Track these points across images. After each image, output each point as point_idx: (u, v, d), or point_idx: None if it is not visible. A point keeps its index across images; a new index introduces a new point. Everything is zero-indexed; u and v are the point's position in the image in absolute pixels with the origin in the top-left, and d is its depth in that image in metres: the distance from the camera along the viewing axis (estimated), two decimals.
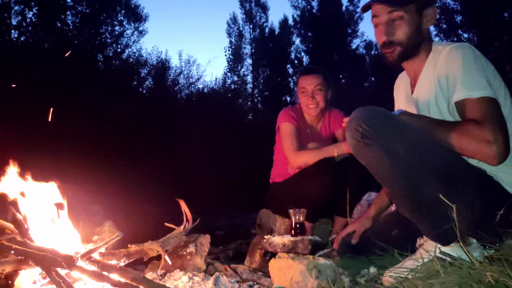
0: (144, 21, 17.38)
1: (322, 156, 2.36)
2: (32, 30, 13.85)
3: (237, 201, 9.54)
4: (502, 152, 1.27)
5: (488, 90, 1.33)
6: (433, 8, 1.54)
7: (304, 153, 2.44)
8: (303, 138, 2.61)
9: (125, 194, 6.28)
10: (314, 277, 1.42)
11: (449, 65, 1.43)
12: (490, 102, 1.32)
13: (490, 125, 1.28)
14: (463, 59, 1.39)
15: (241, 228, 4.72)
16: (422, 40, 1.54)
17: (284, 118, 2.60)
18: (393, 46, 1.52)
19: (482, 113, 1.30)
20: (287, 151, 2.51)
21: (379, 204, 1.91)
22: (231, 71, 21.51)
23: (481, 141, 1.27)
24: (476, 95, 1.33)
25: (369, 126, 1.28)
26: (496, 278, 0.96)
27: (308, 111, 2.61)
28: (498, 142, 1.26)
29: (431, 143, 1.33)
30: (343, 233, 1.93)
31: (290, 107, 2.73)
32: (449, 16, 16.08)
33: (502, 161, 1.28)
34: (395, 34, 1.51)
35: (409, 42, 1.51)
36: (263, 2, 21.89)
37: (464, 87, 1.36)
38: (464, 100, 1.35)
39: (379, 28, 1.54)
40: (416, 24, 1.51)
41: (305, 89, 2.56)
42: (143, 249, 1.61)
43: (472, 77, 1.36)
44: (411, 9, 1.49)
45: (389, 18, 1.51)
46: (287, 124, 2.57)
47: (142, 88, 17.08)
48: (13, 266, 1.18)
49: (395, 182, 1.33)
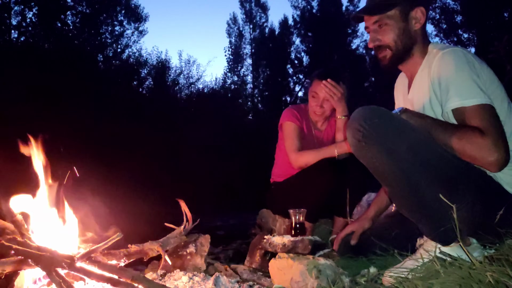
0: (144, 21, 17.37)
1: (323, 156, 2.36)
2: (32, 30, 13.83)
3: (237, 201, 9.54)
4: (503, 160, 1.28)
5: (482, 96, 1.34)
6: (420, 8, 1.55)
7: (305, 153, 2.43)
8: (308, 137, 2.61)
9: (125, 194, 6.28)
10: (314, 277, 1.42)
11: (441, 71, 1.44)
12: (488, 109, 1.33)
13: (492, 134, 1.29)
14: (454, 65, 1.40)
15: (241, 228, 4.71)
16: (414, 42, 1.57)
17: (287, 117, 2.59)
18: (382, 50, 1.58)
19: (482, 121, 1.31)
20: (288, 151, 2.51)
21: (378, 205, 1.91)
22: (231, 71, 21.49)
23: (483, 149, 1.28)
24: (470, 103, 1.34)
25: (370, 126, 1.28)
26: (496, 278, 0.96)
27: (313, 115, 2.61)
28: (500, 150, 1.27)
29: (431, 143, 1.33)
30: (343, 233, 1.93)
31: (295, 105, 2.71)
32: (449, 16, 16.06)
33: (503, 167, 1.30)
34: (381, 39, 1.57)
35: (397, 45, 1.55)
36: (263, 2, 21.87)
37: (457, 95, 1.37)
38: (461, 109, 1.36)
39: (369, 35, 1.61)
40: (403, 27, 1.54)
41: (316, 95, 2.52)
42: (143, 249, 1.61)
43: (464, 84, 1.36)
44: (395, 13, 1.54)
45: (375, 26, 1.58)
46: (290, 124, 2.56)
47: (142, 88, 17.08)
48: (13, 266, 1.18)
49: (396, 181, 1.33)
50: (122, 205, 5.26)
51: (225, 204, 9.27)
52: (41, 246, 1.22)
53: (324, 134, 2.67)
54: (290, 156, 2.49)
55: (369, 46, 1.63)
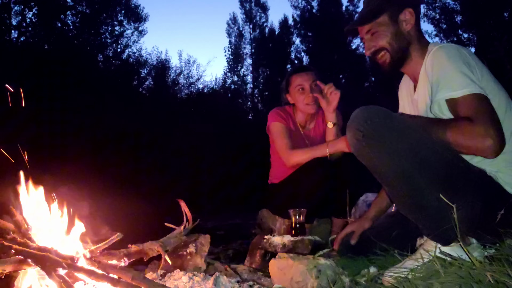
0: (144, 21, 17.38)
1: (315, 155, 2.33)
2: (32, 30, 13.83)
3: (237, 201, 9.54)
4: (496, 144, 1.27)
5: (472, 86, 1.34)
6: (407, 10, 1.58)
7: (297, 151, 2.42)
8: (297, 137, 2.59)
9: (125, 194, 6.28)
10: (314, 277, 1.42)
11: (433, 66, 1.46)
12: (478, 98, 1.33)
13: (481, 120, 1.29)
14: (445, 59, 1.42)
15: (241, 228, 4.71)
16: (409, 43, 1.59)
17: (273, 117, 2.58)
18: (380, 54, 1.61)
19: (471, 110, 1.32)
20: (280, 150, 2.49)
21: (378, 205, 1.92)
22: (231, 71, 21.48)
23: (474, 136, 1.28)
24: (459, 94, 1.35)
25: (370, 126, 1.28)
26: (496, 278, 0.96)
27: (306, 109, 2.56)
28: (491, 135, 1.27)
29: (431, 143, 1.33)
30: (343, 233, 1.93)
31: (278, 108, 2.68)
32: (449, 16, 16.06)
33: (499, 152, 1.29)
34: (376, 44, 1.61)
35: (393, 47, 1.59)
36: (263, 2, 21.87)
37: (446, 86, 1.38)
38: (452, 100, 1.37)
39: (364, 45, 1.66)
40: (394, 30, 1.59)
41: (303, 86, 2.52)
42: (143, 249, 1.61)
43: (453, 76, 1.37)
44: (384, 19, 1.59)
45: (368, 34, 1.63)
46: (277, 124, 2.54)
47: (142, 88, 17.08)
48: (13, 266, 1.18)
49: (396, 181, 1.33)
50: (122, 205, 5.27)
51: (225, 204, 9.27)
52: (41, 246, 1.22)
53: (312, 132, 2.66)
54: (282, 155, 2.47)
55: (366, 54, 1.67)
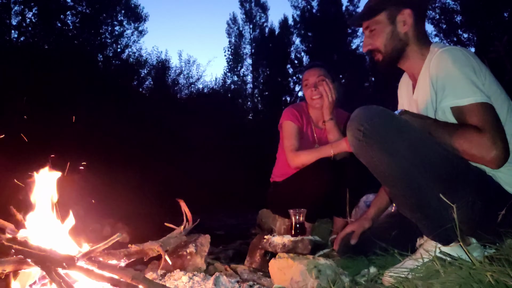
0: (144, 21, 17.35)
1: (319, 156, 2.35)
2: (32, 30, 13.82)
3: (237, 201, 9.53)
4: (501, 157, 1.29)
5: (479, 95, 1.34)
6: (406, 11, 1.58)
7: (301, 153, 2.43)
8: (309, 136, 2.61)
9: (125, 194, 6.27)
10: (314, 277, 1.42)
11: (438, 70, 1.44)
12: (484, 107, 1.33)
13: (489, 131, 1.29)
14: (451, 64, 1.41)
15: (241, 228, 4.71)
16: (405, 44, 1.60)
17: (287, 116, 2.59)
18: (374, 53, 1.64)
19: (478, 119, 1.32)
20: (286, 150, 2.52)
21: (378, 205, 1.92)
22: (231, 71, 21.46)
23: (481, 146, 1.29)
24: (466, 102, 1.34)
25: (370, 126, 1.29)
26: (496, 278, 0.96)
27: (312, 104, 2.59)
28: (498, 147, 1.28)
29: (432, 143, 1.33)
30: (343, 233, 1.93)
31: (294, 104, 2.72)
32: (449, 16, 16.05)
33: (502, 165, 1.30)
34: (371, 43, 1.64)
35: (386, 49, 1.61)
36: (263, 2, 21.84)
37: (452, 94, 1.38)
38: (458, 108, 1.37)
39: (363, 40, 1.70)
40: (391, 31, 1.59)
41: (308, 81, 2.57)
42: (143, 249, 1.61)
43: (460, 83, 1.37)
44: (382, 18, 1.60)
45: (367, 31, 1.66)
46: (289, 123, 2.56)
47: (142, 88, 17.06)
48: (13, 266, 1.18)
49: (396, 181, 1.33)
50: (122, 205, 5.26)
51: (225, 204, 9.26)
52: (41, 246, 1.22)
53: (324, 132, 2.67)
54: (287, 156, 2.50)
55: (363, 50, 1.71)
